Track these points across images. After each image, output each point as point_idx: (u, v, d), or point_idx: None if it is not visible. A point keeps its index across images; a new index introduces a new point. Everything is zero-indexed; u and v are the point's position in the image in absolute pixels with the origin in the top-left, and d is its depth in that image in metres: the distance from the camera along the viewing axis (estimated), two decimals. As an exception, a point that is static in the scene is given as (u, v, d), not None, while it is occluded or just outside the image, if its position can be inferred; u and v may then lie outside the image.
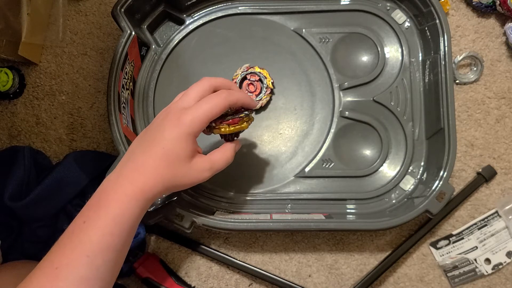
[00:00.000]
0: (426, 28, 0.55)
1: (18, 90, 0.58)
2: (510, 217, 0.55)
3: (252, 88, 0.56)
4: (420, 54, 0.57)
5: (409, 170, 0.55)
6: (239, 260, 0.55)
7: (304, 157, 0.56)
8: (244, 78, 0.57)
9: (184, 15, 0.58)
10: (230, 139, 0.45)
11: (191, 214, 0.48)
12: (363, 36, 0.57)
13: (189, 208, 0.49)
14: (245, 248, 0.56)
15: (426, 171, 0.54)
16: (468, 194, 0.56)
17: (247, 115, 0.44)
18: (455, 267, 0.55)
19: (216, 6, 0.58)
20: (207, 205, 0.54)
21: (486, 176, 0.56)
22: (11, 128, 0.58)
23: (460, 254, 0.55)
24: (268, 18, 0.58)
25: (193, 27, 0.58)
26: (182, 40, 0.58)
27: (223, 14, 0.58)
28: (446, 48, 0.52)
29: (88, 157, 0.56)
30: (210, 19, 0.58)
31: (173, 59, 0.58)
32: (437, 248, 0.56)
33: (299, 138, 0.57)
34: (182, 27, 0.58)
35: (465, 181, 0.57)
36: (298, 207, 0.54)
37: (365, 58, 0.58)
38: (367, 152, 0.56)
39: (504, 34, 0.58)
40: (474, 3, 0.58)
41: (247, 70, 0.56)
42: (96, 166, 0.55)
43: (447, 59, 0.51)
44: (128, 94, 0.54)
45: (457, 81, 0.58)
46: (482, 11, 0.59)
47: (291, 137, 0.57)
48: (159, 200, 0.50)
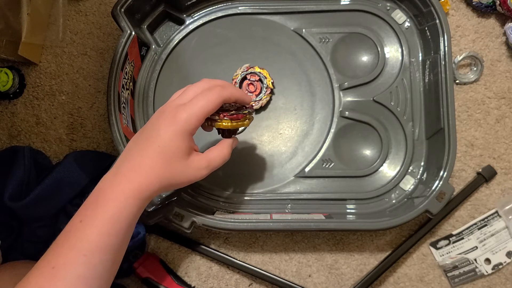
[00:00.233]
0: (426, 28, 0.55)
1: (18, 90, 0.58)
2: (510, 217, 0.55)
3: (252, 88, 0.56)
4: (420, 54, 0.57)
5: (409, 170, 0.55)
6: (239, 260, 0.55)
7: (304, 157, 0.56)
8: (244, 78, 0.57)
9: (184, 15, 0.58)
10: (227, 135, 0.45)
11: (191, 214, 0.48)
12: (363, 36, 0.57)
13: (189, 208, 0.49)
14: (245, 248, 0.56)
15: (426, 171, 0.54)
16: (468, 194, 0.56)
17: (250, 113, 0.44)
18: (455, 267, 0.55)
19: (216, 6, 0.58)
20: (207, 205, 0.54)
21: (486, 176, 0.56)
22: (11, 128, 0.58)
23: (460, 254, 0.55)
24: (268, 18, 0.58)
25: (193, 27, 0.58)
26: (182, 40, 0.58)
27: (223, 14, 0.58)
28: (446, 48, 0.52)
29: (88, 157, 0.56)
30: (210, 19, 0.58)
31: (173, 59, 0.58)
32: (437, 248, 0.56)
33: (299, 138, 0.57)
34: (182, 27, 0.58)
35: (465, 181, 0.57)
36: (298, 207, 0.54)
37: (365, 58, 0.58)
38: (367, 152, 0.56)
39: (504, 34, 0.58)
40: (474, 3, 0.58)
41: (247, 70, 0.56)
42: (96, 166, 0.55)
43: (447, 59, 0.51)
44: (128, 94, 0.54)
45: (457, 81, 0.58)
46: (482, 11, 0.59)
47: (291, 137, 0.57)
48: (159, 200, 0.50)
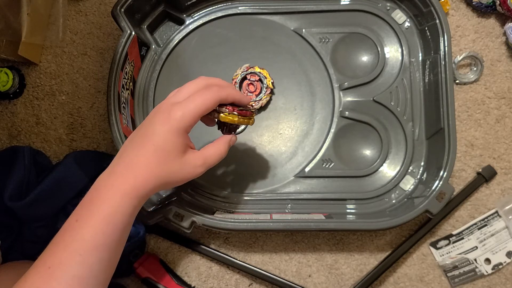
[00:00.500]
0: (426, 28, 0.55)
1: (18, 90, 0.58)
2: (510, 217, 0.55)
3: (252, 88, 0.56)
4: (420, 54, 0.57)
5: (409, 170, 0.55)
6: (239, 260, 0.55)
7: (304, 157, 0.56)
8: (244, 78, 0.57)
9: (184, 15, 0.58)
10: (227, 132, 0.45)
11: (191, 214, 0.48)
12: (363, 36, 0.57)
13: (189, 208, 0.49)
14: (245, 248, 0.56)
15: (426, 171, 0.54)
16: (468, 194, 0.56)
17: (254, 113, 0.45)
18: (455, 267, 0.55)
19: (216, 6, 0.58)
20: (207, 205, 0.54)
21: (486, 176, 0.56)
22: (11, 128, 0.58)
23: (460, 254, 0.55)
24: (268, 18, 0.58)
25: (193, 27, 0.58)
26: (182, 40, 0.58)
27: (223, 14, 0.58)
28: (446, 48, 0.52)
29: (88, 157, 0.56)
30: (210, 19, 0.58)
31: (173, 59, 0.58)
32: (437, 248, 0.56)
33: (299, 138, 0.57)
34: (182, 27, 0.58)
35: (465, 181, 0.57)
36: (298, 207, 0.54)
37: (365, 58, 0.58)
38: (367, 152, 0.56)
39: (504, 34, 0.58)
40: (474, 3, 0.58)
41: (247, 70, 0.56)
42: (96, 166, 0.55)
43: (447, 59, 0.51)
44: (128, 94, 0.54)
45: (457, 81, 0.58)
46: (482, 11, 0.59)
47: (291, 137, 0.57)
48: (158, 200, 0.50)
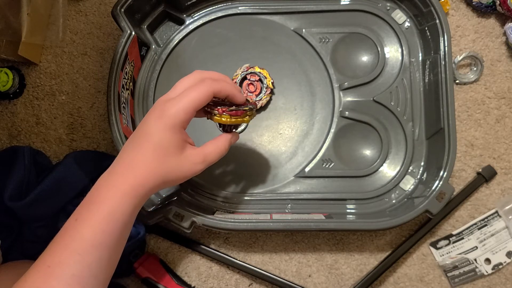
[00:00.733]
0: (426, 28, 0.55)
1: (18, 90, 0.58)
2: (510, 217, 0.55)
3: (252, 88, 0.56)
4: (420, 54, 0.57)
5: (409, 170, 0.55)
6: (239, 260, 0.55)
7: (304, 157, 0.56)
8: (244, 78, 0.57)
9: (184, 15, 0.58)
10: (228, 130, 0.44)
11: (191, 214, 0.48)
12: (363, 36, 0.57)
13: (189, 208, 0.49)
14: (245, 248, 0.56)
15: (426, 171, 0.54)
16: (468, 194, 0.56)
17: (250, 109, 0.44)
18: (455, 267, 0.55)
19: (216, 6, 0.58)
20: (207, 205, 0.54)
21: (486, 176, 0.56)
22: (11, 128, 0.58)
23: (460, 254, 0.55)
24: (268, 18, 0.58)
25: (193, 27, 0.58)
26: (182, 40, 0.58)
27: (223, 14, 0.58)
28: (446, 48, 0.52)
29: (88, 157, 0.56)
30: (210, 19, 0.58)
31: (173, 59, 0.58)
32: (437, 248, 0.56)
33: (299, 138, 0.57)
34: (182, 27, 0.58)
35: (465, 181, 0.57)
36: (298, 207, 0.54)
37: (365, 58, 0.58)
38: (367, 152, 0.56)
39: (504, 34, 0.58)
40: (474, 3, 0.58)
41: (247, 70, 0.56)
42: (96, 166, 0.55)
43: (447, 59, 0.51)
44: (128, 94, 0.54)
45: (457, 81, 0.58)
46: (482, 11, 0.59)
47: (291, 137, 0.57)
48: (159, 200, 0.50)
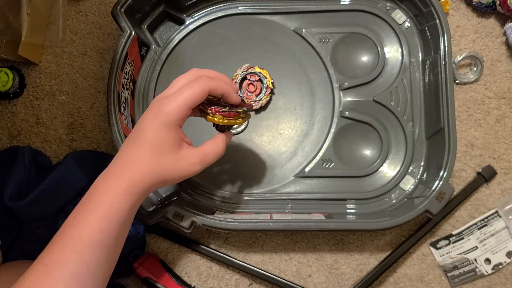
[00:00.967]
0: (426, 28, 0.55)
1: (18, 90, 0.58)
2: (510, 217, 0.55)
3: (252, 88, 0.56)
4: (420, 54, 0.57)
5: (409, 170, 0.55)
6: (239, 260, 0.55)
7: (304, 157, 0.56)
8: (244, 78, 0.57)
9: (184, 15, 0.58)
10: (222, 129, 0.44)
11: (191, 214, 0.48)
12: (363, 36, 0.57)
13: (189, 208, 0.49)
14: (245, 248, 0.56)
15: (426, 171, 0.54)
16: (468, 194, 0.56)
17: (244, 111, 0.44)
18: (455, 267, 0.55)
19: (216, 6, 0.58)
20: (207, 205, 0.54)
21: (486, 176, 0.56)
22: (11, 128, 0.58)
23: (460, 254, 0.55)
24: (268, 18, 0.58)
25: (193, 27, 0.58)
26: (182, 40, 0.58)
27: (223, 14, 0.58)
28: (446, 48, 0.52)
29: (88, 157, 0.56)
30: (210, 19, 0.58)
31: (173, 59, 0.58)
32: (437, 248, 0.56)
33: (299, 138, 0.57)
34: (182, 27, 0.58)
35: (465, 181, 0.57)
36: (298, 207, 0.54)
37: (365, 58, 0.58)
38: (367, 152, 0.56)
39: (504, 34, 0.58)
40: (474, 3, 0.58)
41: (247, 70, 0.56)
42: (96, 166, 0.55)
43: (447, 59, 0.51)
44: (128, 94, 0.54)
45: (457, 81, 0.58)
46: (482, 11, 0.59)
47: (291, 137, 0.57)
48: (158, 200, 0.50)
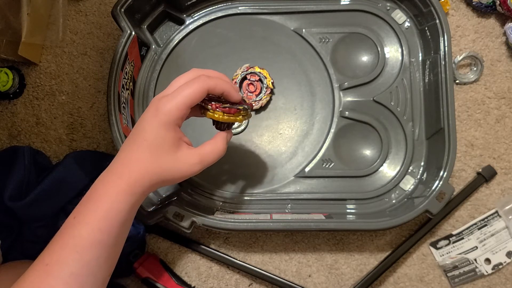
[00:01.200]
0: (426, 28, 0.55)
1: (18, 90, 0.58)
2: (510, 217, 0.55)
3: (252, 88, 0.56)
4: (420, 54, 0.57)
5: (409, 170, 0.55)
6: (239, 260, 0.55)
7: (304, 157, 0.56)
8: (244, 78, 0.57)
9: (184, 15, 0.58)
10: (222, 128, 0.44)
11: (191, 214, 0.48)
12: (363, 36, 0.57)
13: (189, 208, 0.49)
14: (245, 248, 0.56)
15: (426, 171, 0.54)
16: (468, 194, 0.56)
17: (245, 109, 0.43)
18: (455, 267, 0.55)
19: (216, 6, 0.58)
20: (207, 205, 0.54)
21: (486, 176, 0.56)
22: (11, 128, 0.58)
23: (460, 254, 0.55)
24: (268, 18, 0.58)
25: (193, 27, 0.58)
26: (182, 40, 0.58)
27: (223, 14, 0.58)
28: (446, 48, 0.52)
29: (88, 157, 0.56)
30: (210, 19, 0.58)
31: (173, 59, 0.58)
32: (437, 248, 0.56)
33: (299, 138, 0.57)
34: (182, 27, 0.58)
35: (465, 181, 0.57)
36: (298, 207, 0.54)
37: (365, 58, 0.58)
38: (367, 152, 0.56)
39: (504, 34, 0.58)
40: (474, 3, 0.58)
41: (247, 70, 0.56)
42: (96, 166, 0.55)
43: (447, 59, 0.51)
44: (128, 94, 0.54)
45: (457, 81, 0.58)
46: (482, 11, 0.59)
47: (291, 137, 0.57)
48: (159, 200, 0.50)
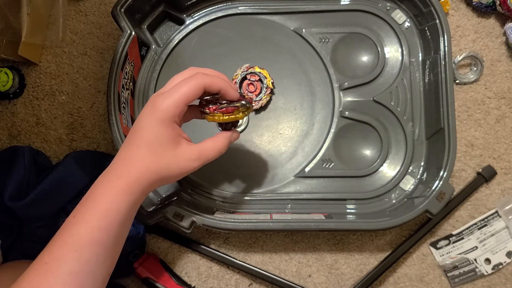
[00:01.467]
0: (426, 28, 0.55)
1: (18, 90, 0.58)
2: (510, 217, 0.55)
3: (252, 88, 0.56)
4: (420, 54, 0.57)
5: (409, 170, 0.55)
6: (239, 260, 0.55)
7: (304, 157, 0.56)
8: (244, 78, 0.57)
9: (184, 15, 0.58)
10: (227, 128, 0.44)
11: (191, 214, 0.48)
12: (363, 36, 0.57)
13: (189, 208, 0.49)
14: (245, 248, 0.56)
15: (426, 171, 0.54)
16: (468, 194, 0.56)
17: (243, 105, 0.42)
18: (455, 267, 0.55)
19: (216, 6, 0.58)
20: (207, 205, 0.54)
21: (486, 176, 0.56)
22: (11, 128, 0.58)
23: (460, 254, 0.55)
24: (268, 18, 0.58)
25: (193, 27, 0.58)
26: (182, 40, 0.58)
27: (223, 14, 0.58)
28: (446, 48, 0.52)
29: (88, 157, 0.56)
30: (210, 19, 0.58)
31: (173, 59, 0.58)
32: (437, 248, 0.56)
33: (299, 138, 0.57)
34: (182, 27, 0.58)
35: (465, 181, 0.57)
36: (298, 207, 0.54)
37: (365, 58, 0.58)
38: (367, 152, 0.56)
39: (504, 34, 0.58)
40: (474, 3, 0.58)
41: (247, 70, 0.56)
42: (96, 166, 0.55)
43: (447, 59, 0.51)
44: (128, 94, 0.54)
45: (457, 81, 0.58)
46: (482, 11, 0.59)
47: (291, 137, 0.57)
48: (159, 200, 0.50)
